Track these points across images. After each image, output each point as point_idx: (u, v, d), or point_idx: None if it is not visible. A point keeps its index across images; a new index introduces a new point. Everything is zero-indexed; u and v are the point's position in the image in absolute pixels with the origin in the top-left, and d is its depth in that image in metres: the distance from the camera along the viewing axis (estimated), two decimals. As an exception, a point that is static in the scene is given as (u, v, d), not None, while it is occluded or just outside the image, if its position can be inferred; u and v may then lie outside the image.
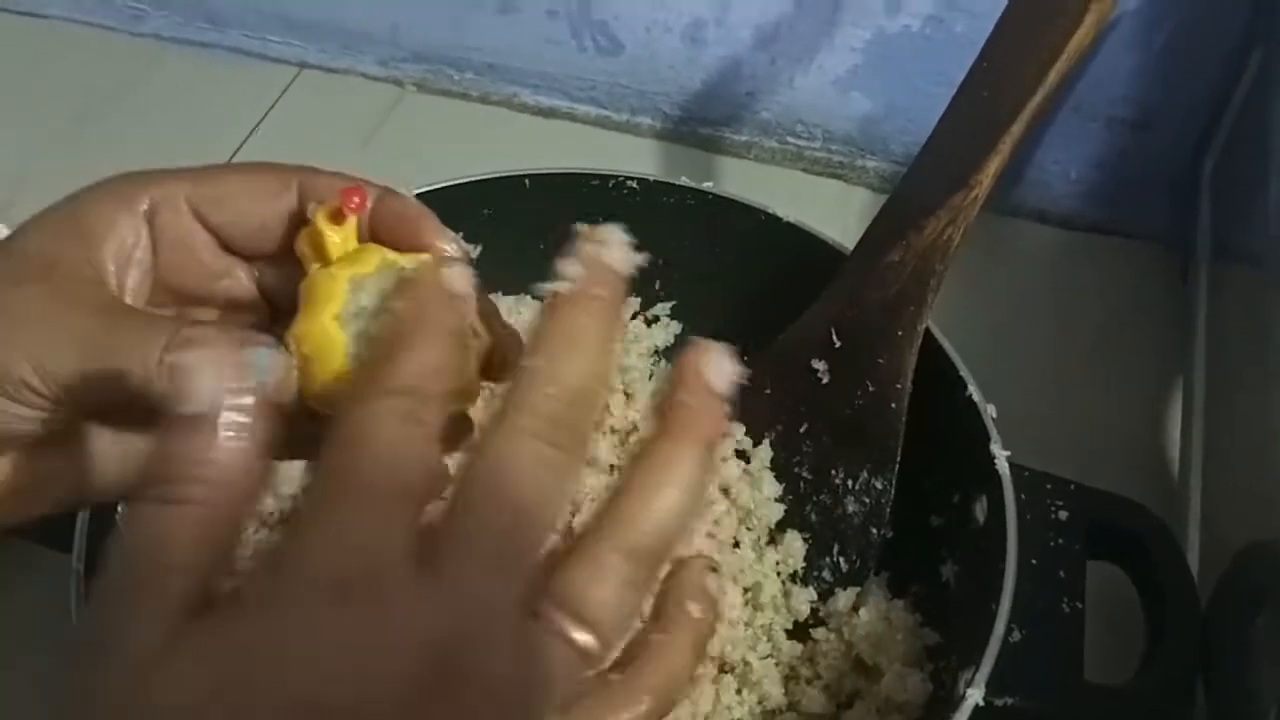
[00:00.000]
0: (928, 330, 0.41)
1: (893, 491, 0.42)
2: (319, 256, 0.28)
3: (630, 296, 0.50)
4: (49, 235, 0.27)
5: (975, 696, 0.33)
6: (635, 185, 0.48)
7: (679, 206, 0.48)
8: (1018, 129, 0.38)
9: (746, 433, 0.46)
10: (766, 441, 0.46)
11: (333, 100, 0.70)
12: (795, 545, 0.43)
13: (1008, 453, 0.38)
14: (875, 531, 0.42)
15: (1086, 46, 0.37)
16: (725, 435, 0.45)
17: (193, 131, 0.66)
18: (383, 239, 0.28)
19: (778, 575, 0.43)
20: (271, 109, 0.69)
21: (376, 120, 0.68)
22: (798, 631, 0.42)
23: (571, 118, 0.68)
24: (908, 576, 0.42)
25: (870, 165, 0.64)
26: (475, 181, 0.47)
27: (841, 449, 0.43)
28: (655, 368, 0.50)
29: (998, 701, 0.34)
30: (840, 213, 0.61)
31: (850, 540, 0.43)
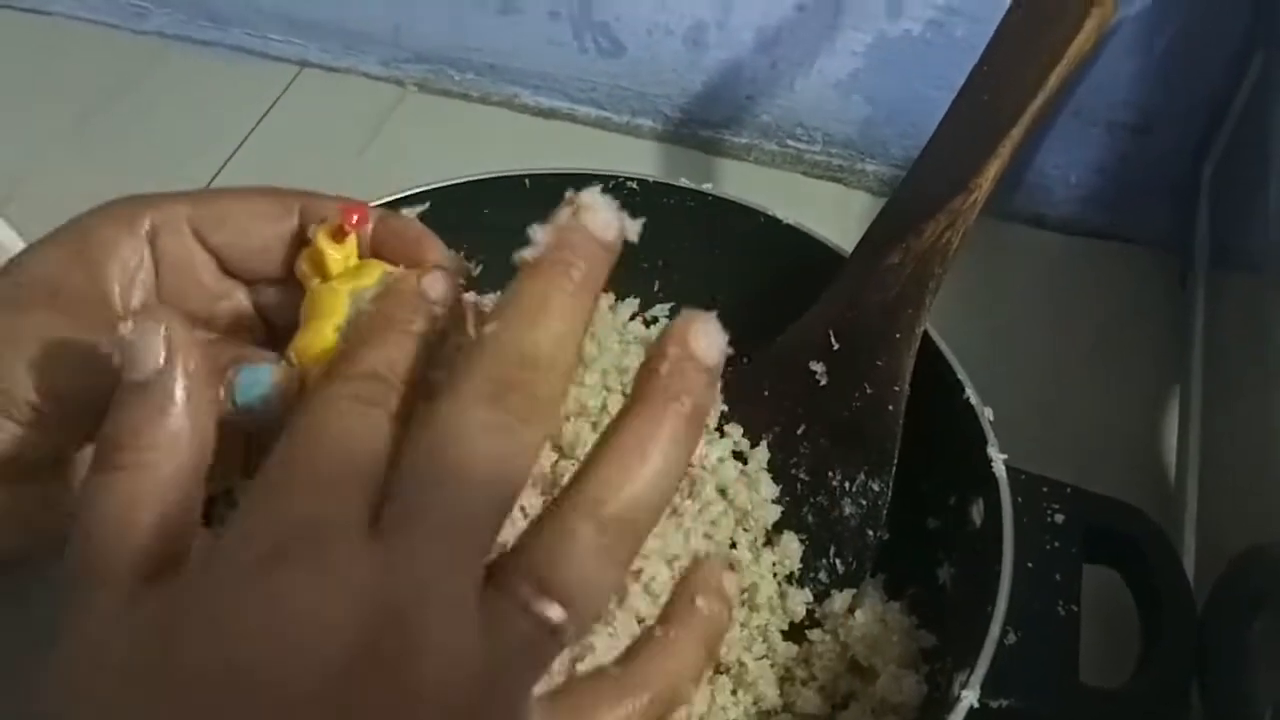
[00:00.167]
0: (926, 333, 0.41)
1: (890, 494, 0.42)
2: (320, 274, 0.28)
3: (630, 296, 0.50)
4: (53, 259, 0.27)
5: (970, 698, 0.33)
6: (635, 186, 0.48)
7: (679, 208, 0.48)
8: (1018, 133, 0.38)
9: (744, 434, 0.46)
10: (764, 443, 0.46)
11: (334, 99, 0.70)
12: (792, 546, 0.43)
13: (1005, 456, 0.38)
14: (872, 533, 0.42)
15: (1087, 51, 0.37)
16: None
17: (194, 129, 0.66)
18: (385, 259, 0.29)
19: (774, 576, 0.43)
20: (272, 108, 0.69)
21: (377, 120, 0.68)
22: (793, 633, 0.42)
23: (572, 119, 0.68)
24: (904, 578, 0.42)
25: (870, 168, 0.64)
26: (475, 181, 0.47)
27: (839, 451, 0.43)
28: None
29: (993, 703, 0.34)
30: (840, 215, 0.61)
31: (847, 542, 0.43)
